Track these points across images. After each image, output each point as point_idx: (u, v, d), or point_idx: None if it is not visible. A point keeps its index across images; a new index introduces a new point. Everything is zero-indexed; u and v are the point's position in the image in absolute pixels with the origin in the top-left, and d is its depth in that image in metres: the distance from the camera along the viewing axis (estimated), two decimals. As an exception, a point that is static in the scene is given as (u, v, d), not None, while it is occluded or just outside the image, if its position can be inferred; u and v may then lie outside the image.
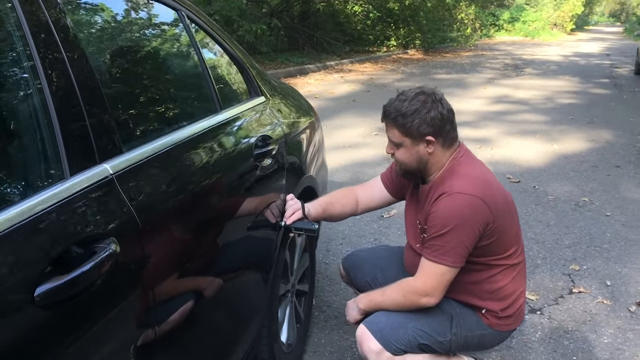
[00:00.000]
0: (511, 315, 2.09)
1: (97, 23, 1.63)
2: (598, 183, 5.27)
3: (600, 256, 3.73)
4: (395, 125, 1.95)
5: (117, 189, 1.30)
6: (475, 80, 12.82)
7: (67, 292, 1.06)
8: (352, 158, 5.98)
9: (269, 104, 2.44)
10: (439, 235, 1.89)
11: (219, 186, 1.78)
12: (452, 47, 21.79)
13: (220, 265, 1.75)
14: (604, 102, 9.98)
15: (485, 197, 1.89)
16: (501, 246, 1.98)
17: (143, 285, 1.33)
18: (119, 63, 1.69)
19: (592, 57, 20.01)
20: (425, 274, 1.95)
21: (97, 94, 1.36)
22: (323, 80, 12.36)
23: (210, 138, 1.84)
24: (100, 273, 1.13)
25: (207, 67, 2.04)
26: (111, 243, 1.18)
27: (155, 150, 1.50)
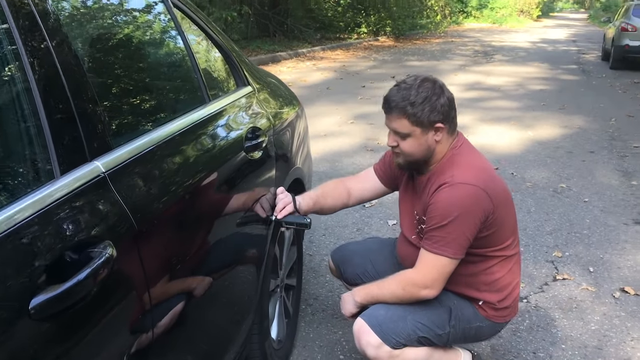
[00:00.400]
0: (508, 307, 2.07)
1: (82, 14, 1.52)
2: (574, 169, 5.32)
3: (582, 242, 3.75)
4: (405, 115, 1.86)
5: (110, 188, 1.22)
6: (447, 67, 12.86)
7: (64, 303, 0.99)
8: (330, 147, 5.92)
9: (256, 95, 2.36)
10: (440, 226, 1.85)
11: (211, 181, 1.71)
12: (422, 34, 21.83)
13: (214, 263, 1.69)
14: (574, 88, 10.11)
15: (487, 187, 1.85)
16: (499, 237, 1.95)
17: (139, 289, 1.26)
18: (106, 55, 1.59)
19: (559, 43, 20.27)
20: (426, 266, 1.91)
21: (86, 87, 1.28)
22: (295, 68, 12.25)
23: (200, 131, 1.76)
24: (97, 280, 1.06)
25: (194, 57, 1.95)
26: (107, 247, 1.11)
27: (146, 146, 1.43)
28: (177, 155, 1.57)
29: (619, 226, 4.02)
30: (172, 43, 1.98)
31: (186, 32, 1.99)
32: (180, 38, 1.95)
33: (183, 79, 1.99)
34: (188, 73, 1.97)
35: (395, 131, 1.93)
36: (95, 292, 1.07)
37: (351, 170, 5.15)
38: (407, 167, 2.02)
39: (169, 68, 1.99)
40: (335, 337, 2.70)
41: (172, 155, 1.55)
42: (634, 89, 9.92)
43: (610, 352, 2.61)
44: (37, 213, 1.01)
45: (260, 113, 2.27)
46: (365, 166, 5.29)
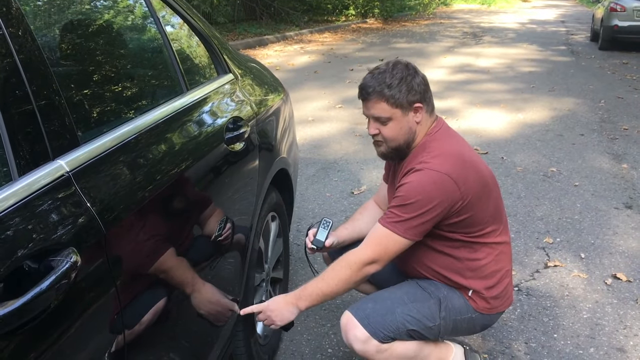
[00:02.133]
0: (498, 297, 2.01)
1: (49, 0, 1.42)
2: (564, 152, 5.27)
3: (573, 228, 3.71)
4: (384, 98, 1.84)
5: (74, 189, 1.13)
6: (436, 49, 12.73)
7: (20, 319, 0.90)
8: (318, 132, 5.83)
9: (238, 82, 2.26)
10: (399, 205, 1.83)
11: (189, 176, 1.62)
12: (411, 15, 21.62)
13: (193, 261, 1.60)
14: (563, 69, 10.03)
15: (454, 174, 1.81)
16: (475, 224, 1.91)
17: (109, 296, 1.17)
18: (73, 44, 1.49)
19: (547, 24, 20.14)
20: (375, 240, 1.87)
21: (46, 77, 1.17)
22: (283, 51, 12.09)
23: (177, 123, 1.66)
24: (59, 291, 0.97)
25: (170, 44, 1.85)
26: (70, 254, 1.02)
27: (117, 141, 1.33)
28: (150, 151, 1.47)
29: (610, 210, 3.97)
30: (146, 29, 1.88)
31: (161, 18, 1.88)
32: (155, 24, 1.84)
33: (158, 67, 1.89)
34: (164, 61, 1.87)
35: (375, 117, 1.89)
36: (58, 304, 0.98)
37: (340, 156, 5.08)
38: (390, 155, 1.96)
39: (144, 56, 1.89)
40: (324, 330, 2.64)
41: (145, 150, 1.45)
42: (623, 70, 9.86)
43: (603, 340, 2.57)
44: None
45: (242, 101, 2.17)
46: (355, 151, 5.24)
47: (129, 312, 1.25)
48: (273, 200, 2.35)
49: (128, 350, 1.25)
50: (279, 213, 2.48)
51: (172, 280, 1.49)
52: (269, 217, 2.35)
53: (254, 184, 2.06)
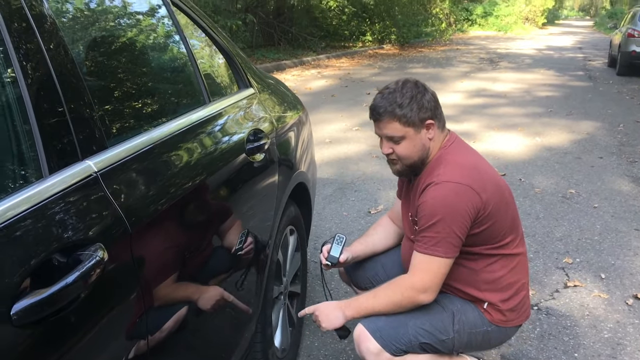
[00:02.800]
0: (514, 309, 1.99)
1: (77, 9, 1.47)
2: (583, 175, 5.24)
3: (593, 248, 3.67)
4: (395, 118, 1.85)
5: (102, 189, 1.16)
6: (452, 74, 12.80)
7: (49, 308, 0.92)
8: (335, 154, 5.87)
9: (259, 96, 2.30)
10: (428, 226, 1.82)
11: (211, 183, 1.65)
12: (428, 41, 21.80)
13: (213, 269, 1.62)
14: (581, 94, 10.02)
15: (473, 184, 1.82)
16: (495, 235, 1.90)
17: (133, 295, 1.19)
18: (101, 52, 1.54)
19: (564, 50, 20.19)
20: (419, 269, 1.86)
21: (78, 84, 1.22)
22: (300, 75, 12.23)
23: (200, 132, 1.70)
24: (86, 284, 1.00)
25: (194, 57, 1.90)
26: (98, 250, 1.05)
27: (143, 145, 1.37)
28: (175, 156, 1.50)
29: (630, 232, 3.93)
30: (172, 44, 1.93)
31: (187, 33, 1.94)
32: (180, 39, 1.89)
33: (183, 79, 1.94)
34: (188, 74, 1.92)
35: (388, 137, 1.90)
36: (85, 297, 1.01)
37: (357, 177, 5.10)
38: (405, 172, 1.98)
39: (169, 69, 1.94)
40: (341, 346, 2.63)
41: (170, 155, 1.48)
42: (642, 95, 9.83)
43: (624, 361, 2.53)
44: (21, 213, 0.95)
45: (262, 115, 2.21)
46: (372, 172, 5.26)
47: (152, 314, 1.26)
48: (292, 213, 2.37)
49: (149, 353, 1.26)
50: (297, 227, 2.49)
51: (194, 286, 1.51)
52: (288, 230, 2.36)
53: (273, 196, 2.08)
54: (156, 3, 1.82)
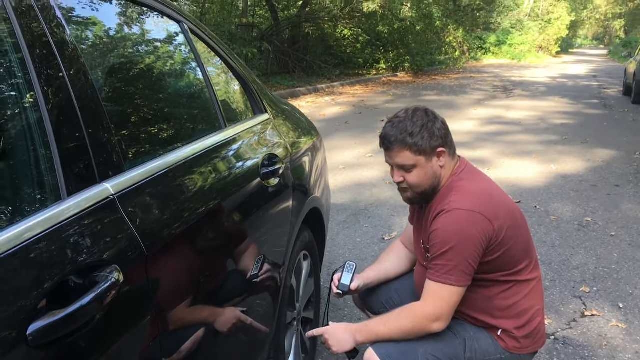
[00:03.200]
0: (528, 336, 1.95)
1: (97, 35, 1.50)
2: (599, 203, 5.19)
3: (610, 277, 3.62)
4: (406, 147, 1.85)
5: (119, 211, 1.17)
6: (466, 101, 12.83)
7: (65, 329, 0.93)
8: (349, 179, 5.87)
9: (273, 122, 2.32)
10: (440, 254, 1.80)
11: (226, 207, 1.65)
12: (441, 69, 21.92)
13: (227, 293, 1.62)
14: (596, 122, 9.98)
15: (485, 211, 1.80)
16: (509, 262, 1.88)
17: (148, 318, 1.19)
18: (120, 77, 1.57)
19: (579, 78, 20.18)
20: (431, 297, 1.84)
21: (97, 108, 1.24)
22: (314, 102, 12.32)
23: (216, 156, 1.72)
24: (102, 306, 1.00)
25: (211, 83, 1.92)
26: (114, 271, 1.05)
27: (159, 169, 1.38)
28: (191, 179, 1.52)
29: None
30: (189, 69, 1.96)
31: (204, 60, 1.97)
32: (197, 65, 1.92)
33: (199, 104, 1.97)
34: (204, 99, 1.95)
35: (399, 166, 1.90)
36: (100, 319, 1.01)
37: (371, 203, 5.09)
38: (417, 200, 1.97)
39: (186, 94, 1.96)
40: (354, 373, 2.59)
41: (186, 179, 1.50)
42: (658, 123, 9.77)
43: (645, 393, 2.47)
44: (40, 234, 0.97)
45: (277, 140, 2.23)
46: (385, 199, 5.25)
47: (165, 337, 1.26)
48: (305, 238, 2.36)
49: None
50: (310, 252, 2.49)
51: (208, 310, 1.50)
52: (301, 255, 2.36)
53: (287, 221, 2.08)
54: (174, 31, 1.86)
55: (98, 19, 1.50)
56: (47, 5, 1.20)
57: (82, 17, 1.43)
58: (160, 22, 1.79)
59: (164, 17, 1.80)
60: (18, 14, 1.09)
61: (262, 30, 16.60)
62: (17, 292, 0.89)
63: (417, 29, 18.18)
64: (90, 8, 1.46)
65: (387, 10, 16.25)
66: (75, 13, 1.38)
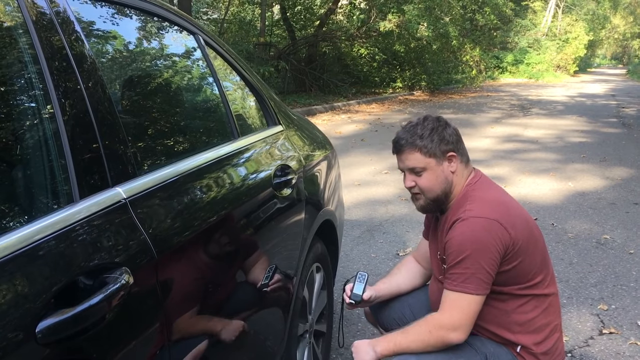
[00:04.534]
0: (547, 353, 1.93)
1: (113, 44, 1.53)
2: (617, 220, 5.12)
3: (629, 295, 3.55)
4: (417, 148, 1.87)
5: (130, 215, 1.19)
6: (483, 119, 12.79)
7: (73, 328, 0.94)
8: (364, 196, 5.86)
9: (287, 134, 2.34)
10: (457, 262, 1.79)
11: (237, 215, 1.66)
12: (458, 88, 21.90)
13: (238, 302, 1.62)
14: (615, 140, 9.88)
15: (501, 219, 1.79)
16: (525, 274, 1.86)
17: (157, 322, 1.20)
18: (134, 86, 1.59)
19: (597, 97, 20.03)
20: (449, 306, 1.82)
21: (111, 115, 1.26)
22: (330, 120, 12.36)
23: (228, 164, 1.73)
24: (111, 306, 1.01)
25: (224, 94, 1.95)
26: (123, 273, 1.06)
27: (171, 175, 1.40)
28: (203, 187, 1.53)
29: (669, 279, 3.80)
30: (203, 80, 1.99)
31: (218, 71, 1.99)
32: (211, 75, 1.95)
33: (213, 114, 1.99)
34: (218, 109, 1.97)
35: (410, 169, 1.90)
36: (109, 320, 1.02)
37: (386, 219, 5.07)
38: (429, 207, 1.95)
39: (199, 103, 1.99)
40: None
41: (198, 186, 1.51)
42: (678, 142, 9.64)
43: (665, 412, 2.41)
44: (52, 235, 0.98)
45: (290, 151, 2.24)
46: (400, 215, 5.22)
47: (174, 342, 1.26)
48: (318, 250, 2.36)
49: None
50: (323, 265, 2.48)
51: (217, 316, 1.51)
52: (314, 267, 2.35)
53: (299, 231, 2.08)
54: (189, 42, 1.88)
55: (115, 29, 1.53)
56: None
57: (98, 25, 1.46)
58: (175, 33, 1.82)
59: (179, 28, 1.83)
60: (38, 28, 1.12)
61: (279, 49, 16.75)
62: (28, 290, 0.90)
63: (433, 48, 18.19)
64: (108, 21, 1.49)
65: (403, 30, 16.30)
66: (95, 26, 1.42)
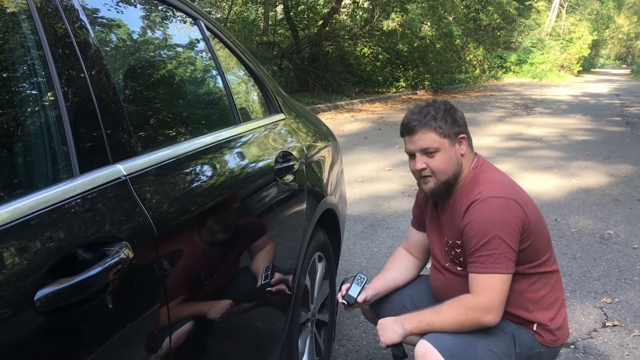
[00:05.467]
0: (560, 327, 1.95)
1: (115, 25, 1.53)
2: (621, 216, 5.10)
3: (632, 289, 3.54)
4: (431, 129, 1.85)
5: (131, 192, 1.19)
6: (486, 118, 12.77)
7: (72, 298, 0.94)
8: (368, 192, 5.86)
9: (289, 122, 2.33)
10: (483, 244, 1.78)
11: (239, 199, 1.66)
12: (461, 87, 21.85)
13: (239, 286, 1.62)
14: (618, 139, 9.86)
15: (517, 198, 1.82)
16: (536, 253, 1.88)
17: (157, 299, 1.20)
18: (137, 71, 1.58)
19: (601, 97, 19.98)
20: (482, 289, 1.80)
21: (111, 93, 1.26)
22: (333, 119, 12.36)
23: (230, 148, 1.73)
24: (109, 278, 1.01)
25: (226, 79, 1.95)
26: (123, 248, 1.06)
27: (172, 156, 1.40)
28: (203, 168, 1.53)
29: (673, 273, 3.79)
30: (204, 66, 1.98)
31: (219, 57, 1.99)
32: (212, 60, 1.95)
33: (214, 100, 1.99)
34: (220, 95, 1.97)
35: (422, 150, 1.88)
36: (108, 293, 1.02)
37: (389, 214, 5.07)
38: (439, 190, 1.93)
39: (201, 89, 1.99)
40: (369, 378, 2.56)
41: (198, 167, 1.51)
42: (682, 140, 9.61)
43: (668, 403, 2.40)
44: (50, 207, 0.98)
45: (292, 139, 2.24)
46: (403, 210, 5.22)
47: (174, 320, 1.26)
48: (320, 240, 2.36)
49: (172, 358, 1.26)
50: (325, 254, 2.48)
51: (217, 299, 1.50)
52: (316, 256, 2.35)
53: (300, 218, 2.08)
54: (191, 27, 1.88)
55: (117, 15, 1.53)
56: None
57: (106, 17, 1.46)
58: (176, 18, 1.82)
59: (181, 14, 1.83)
60: (42, 14, 1.12)
61: (282, 49, 16.76)
62: (27, 259, 0.90)
63: (436, 47, 18.15)
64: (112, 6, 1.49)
65: (406, 29, 16.28)
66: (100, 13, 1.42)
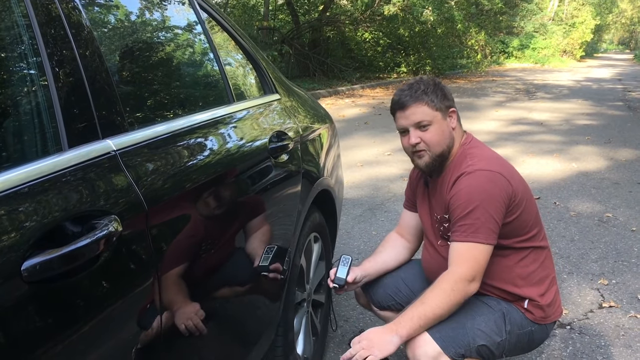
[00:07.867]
0: (550, 304, 1.97)
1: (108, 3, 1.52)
2: (620, 199, 5.10)
3: (630, 271, 3.55)
4: (424, 102, 1.88)
5: (120, 167, 1.19)
6: (487, 103, 12.72)
7: (59, 269, 0.94)
8: (367, 176, 5.86)
9: (284, 102, 2.33)
10: (466, 214, 1.81)
11: (232, 176, 1.66)
12: (463, 73, 21.77)
13: (230, 263, 1.62)
14: (620, 123, 9.82)
15: (503, 171, 1.86)
16: (524, 226, 1.91)
17: (147, 275, 1.20)
18: (128, 46, 1.57)
19: (603, 81, 19.87)
20: (463, 258, 1.81)
21: (101, 68, 1.26)
22: (334, 104, 12.33)
23: (223, 126, 1.73)
24: (98, 251, 1.01)
25: (219, 58, 1.94)
26: (112, 221, 1.06)
27: (164, 132, 1.40)
28: (195, 145, 1.53)
29: (671, 255, 3.79)
30: (197, 43, 1.97)
31: (212, 34, 1.98)
32: (205, 40, 1.94)
33: (208, 78, 1.98)
34: (213, 73, 1.96)
35: (416, 124, 1.89)
36: (98, 265, 1.02)
37: (387, 198, 5.07)
38: (434, 164, 1.93)
39: (194, 67, 1.97)
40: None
41: (190, 144, 1.51)
42: (684, 124, 9.57)
43: (662, 381, 2.41)
44: (39, 180, 0.98)
45: (287, 119, 2.23)
46: (402, 195, 5.16)
47: (164, 296, 1.26)
48: (316, 220, 2.36)
49: (160, 338, 1.26)
50: (321, 235, 2.48)
51: (209, 276, 1.51)
52: (312, 237, 2.35)
53: (295, 198, 2.08)
54: (188, 16, 1.87)
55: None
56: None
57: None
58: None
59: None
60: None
61: (282, 34, 16.69)
62: (16, 229, 0.91)
63: (438, 32, 18.07)
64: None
65: (408, 14, 16.18)
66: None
